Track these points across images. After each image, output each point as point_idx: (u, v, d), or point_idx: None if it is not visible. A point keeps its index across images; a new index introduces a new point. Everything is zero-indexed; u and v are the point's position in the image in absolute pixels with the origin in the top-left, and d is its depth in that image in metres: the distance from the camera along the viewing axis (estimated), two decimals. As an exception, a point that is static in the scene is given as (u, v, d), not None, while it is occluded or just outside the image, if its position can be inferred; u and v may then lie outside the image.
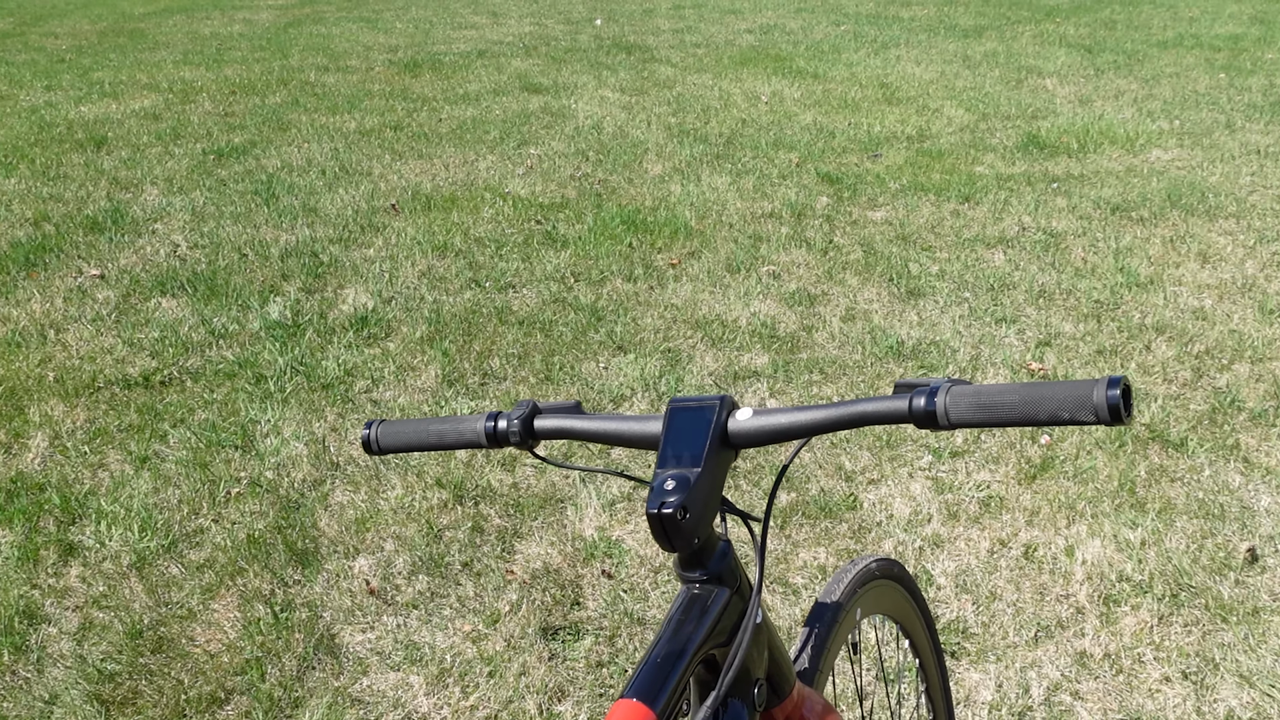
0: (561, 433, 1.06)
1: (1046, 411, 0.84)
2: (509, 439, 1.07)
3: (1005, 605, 2.32)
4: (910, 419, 0.90)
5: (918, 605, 1.50)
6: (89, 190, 5.59)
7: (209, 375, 3.49)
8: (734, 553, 1.01)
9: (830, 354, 3.50)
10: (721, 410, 0.97)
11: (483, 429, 1.07)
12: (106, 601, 2.43)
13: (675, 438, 0.96)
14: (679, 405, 0.99)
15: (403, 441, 1.12)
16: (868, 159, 5.77)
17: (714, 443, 0.95)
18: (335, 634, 2.32)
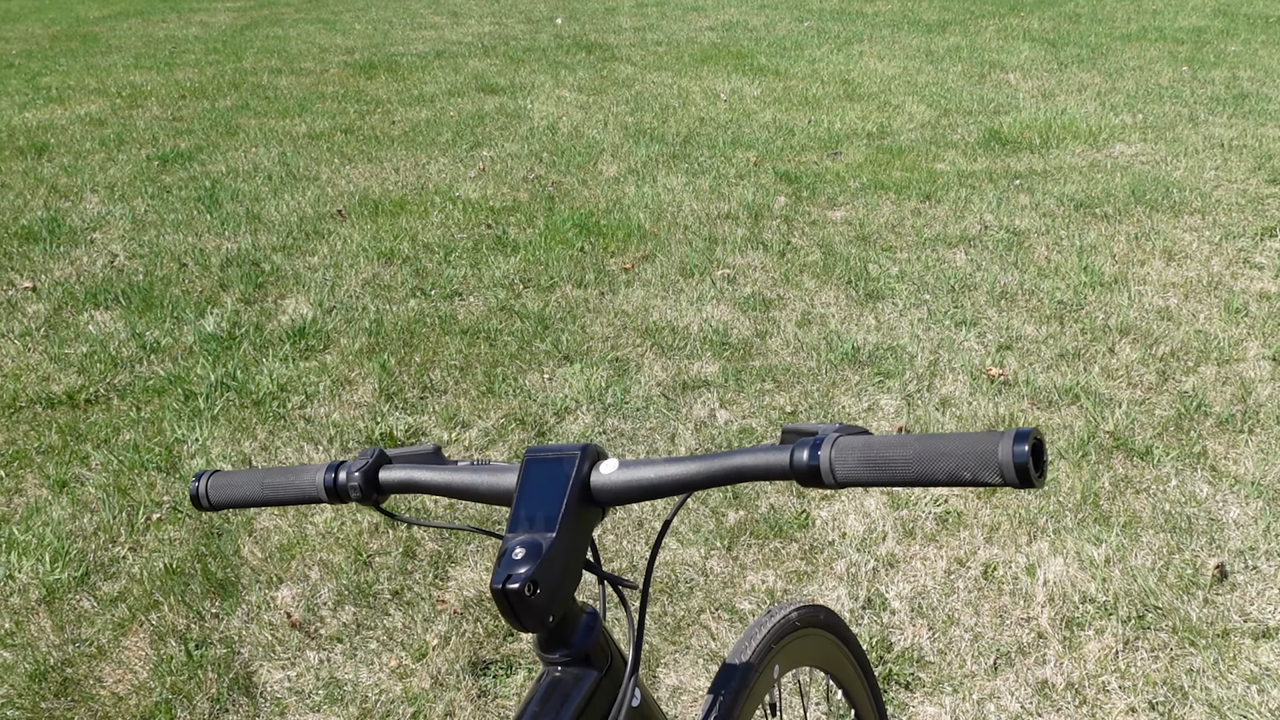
0: (409, 485, 0.94)
1: (945, 470, 0.73)
2: (350, 494, 0.94)
3: (963, 631, 2.21)
4: (792, 474, 0.78)
5: (852, 652, 1.38)
6: (26, 199, 5.41)
7: (137, 392, 3.33)
8: (602, 627, 0.88)
9: (784, 361, 3.39)
10: (583, 462, 0.85)
11: (321, 482, 0.95)
12: (12, 640, 2.28)
13: (529, 495, 0.84)
14: (535, 456, 0.87)
15: (236, 496, 0.99)
16: (827, 157, 5.67)
17: (573, 501, 0.83)
18: (253, 672, 2.18)
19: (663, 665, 2.16)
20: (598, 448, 0.87)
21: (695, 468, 0.83)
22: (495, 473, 0.91)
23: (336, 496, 0.95)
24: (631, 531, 2.56)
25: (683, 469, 0.83)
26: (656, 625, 2.25)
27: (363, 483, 0.93)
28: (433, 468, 0.93)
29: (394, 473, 0.94)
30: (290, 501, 0.97)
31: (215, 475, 1.00)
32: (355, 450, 2.95)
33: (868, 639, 2.18)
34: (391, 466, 0.95)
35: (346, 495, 0.94)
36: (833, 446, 0.76)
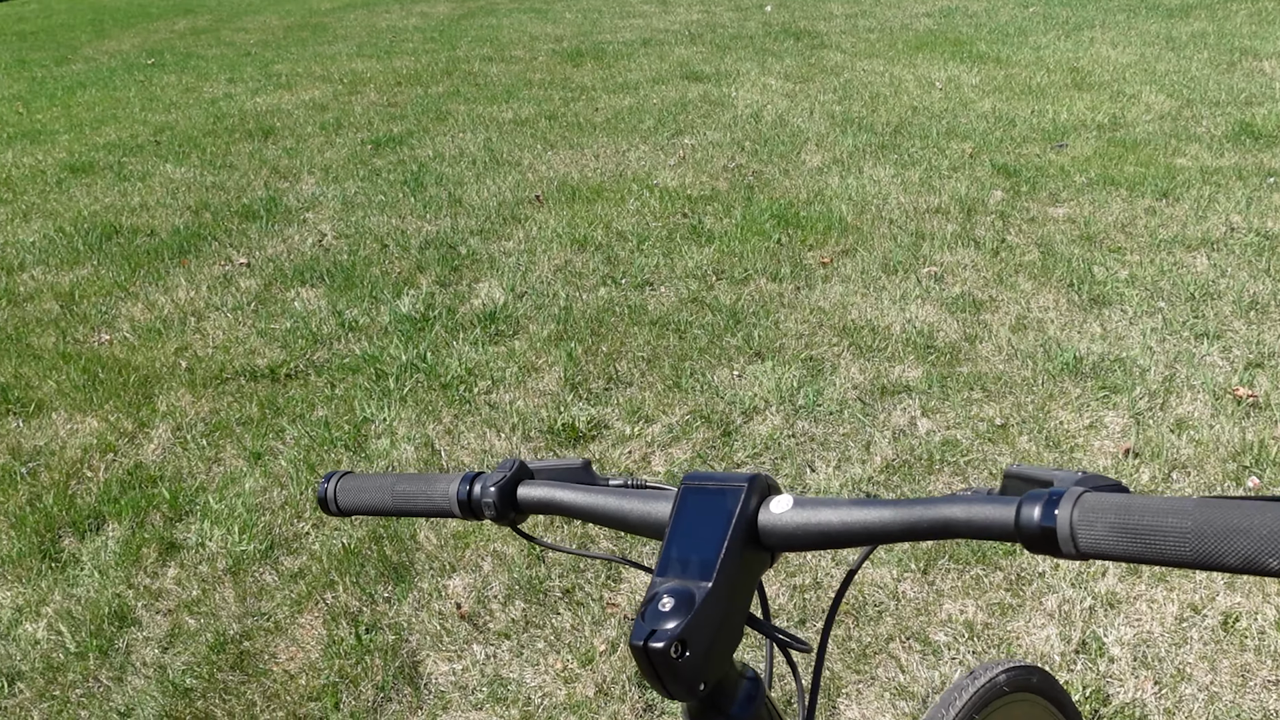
0: (550, 506, 0.81)
1: (1240, 552, 0.53)
2: (484, 510, 0.82)
3: (1196, 689, 1.93)
4: (1018, 537, 0.60)
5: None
6: (250, 179, 5.68)
7: (333, 369, 3.40)
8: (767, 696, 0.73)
9: (995, 368, 3.11)
10: (750, 496, 0.70)
11: (455, 494, 0.83)
12: (198, 608, 2.33)
13: (684, 532, 0.69)
14: (694, 485, 0.72)
15: (364, 502, 0.89)
16: (1051, 150, 5.26)
17: (735, 543, 0.68)
18: (419, 661, 2.13)
19: (844, 695, 1.98)
20: (769, 479, 0.72)
21: (889, 515, 0.66)
22: (648, 499, 0.77)
23: (470, 512, 0.83)
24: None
25: (873, 515, 0.67)
26: (839, 650, 2.07)
27: (499, 499, 0.81)
28: (578, 487, 0.81)
29: (535, 490, 0.82)
30: (421, 513, 0.86)
31: (346, 477, 0.90)
32: (536, 440, 2.89)
33: (1080, 689, 1.93)
34: (532, 483, 0.83)
35: (480, 512, 0.83)
36: (1075, 505, 0.58)
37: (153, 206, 5.28)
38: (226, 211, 5.10)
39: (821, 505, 0.69)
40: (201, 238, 4.73)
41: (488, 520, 0.85)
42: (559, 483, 0.82)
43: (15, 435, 3.12)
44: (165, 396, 3.29)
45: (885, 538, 0.66)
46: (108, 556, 2.52)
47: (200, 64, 9.73)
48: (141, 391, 3.33)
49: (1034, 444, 2.72)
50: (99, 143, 6.76)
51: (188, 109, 7.67)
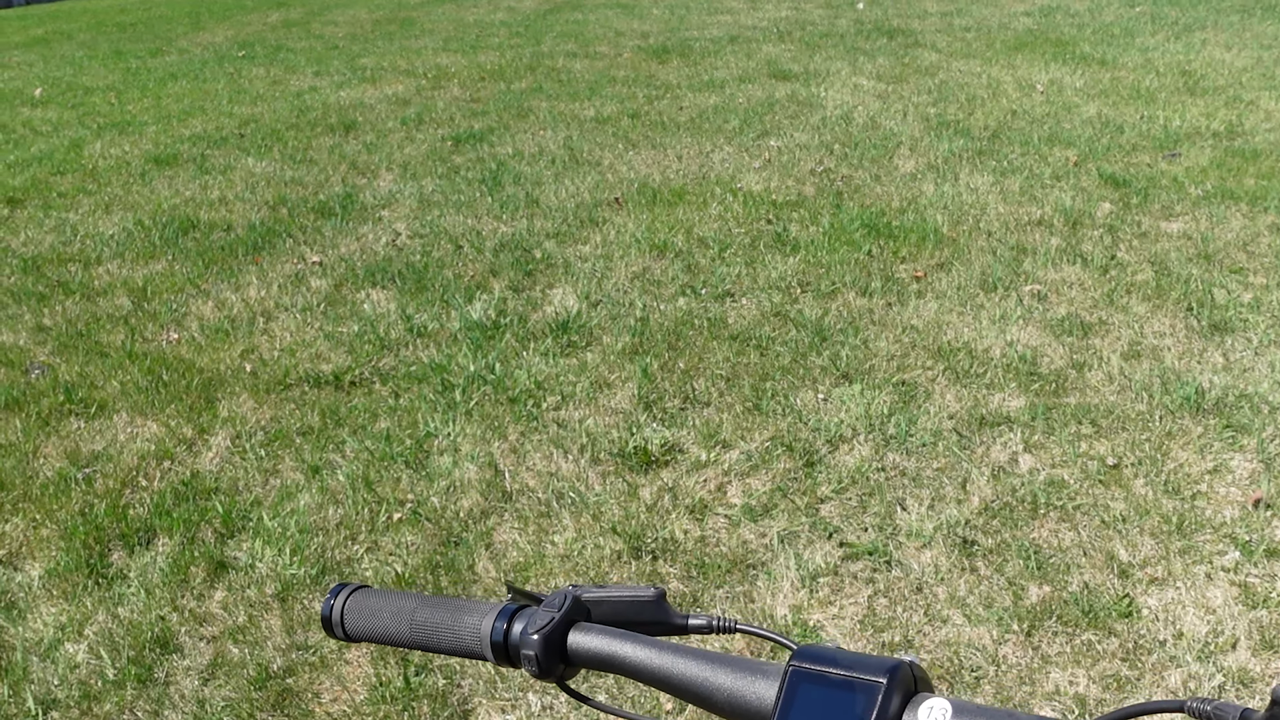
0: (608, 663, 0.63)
1: None
2: (521, 661, 0.64)
3: (1345, 789, 1.68)
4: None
5: None
6: (328, 175, 5.62)
7: (398, 378, 3.27)
8: None
9: (1106, 400, 2.85)
10: (890, 698, 0.51)
11: (488, 634, 0.66)
12: (243, 636, 2.21)
13: None
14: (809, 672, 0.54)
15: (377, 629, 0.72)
16: (1163, 159, 4.92)
17: None
18: (470, 710, 1.98)
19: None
20: (915, 668, 0.53)
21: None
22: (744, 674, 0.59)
23: (507, 659, 0.66)
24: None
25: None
26: None
27: (543, 651, 0.64)
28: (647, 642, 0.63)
29: (591, 639, 0.64)
30: (444, 651, 0.69)
31: (358, 594, 0.74)
32: (605, 463, 2.72)
33: (1211, 786, 1.70)
34: (589, 627, 0.65)
35: (518, 661, 0.65)
36: None
37: (231, 201, 5.24)
38: (303, 208, 5.04)
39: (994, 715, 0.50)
40: (276, 234, 4.67)
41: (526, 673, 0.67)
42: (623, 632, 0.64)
43: (75, 437, 3.05)
44: (227, 401, 3.19)
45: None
46: (155, 574, 2.41)
47: (289, 57, 9.77)
48: (204, 395, 3.24)
49: (1150, 488, 2.47)
50: (185, 135, 6.78)
51: (273, 101, 7.68)
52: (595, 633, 0.65)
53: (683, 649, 0.63)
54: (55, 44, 12.37)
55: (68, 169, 6.10)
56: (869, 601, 2.16)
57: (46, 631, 2.25)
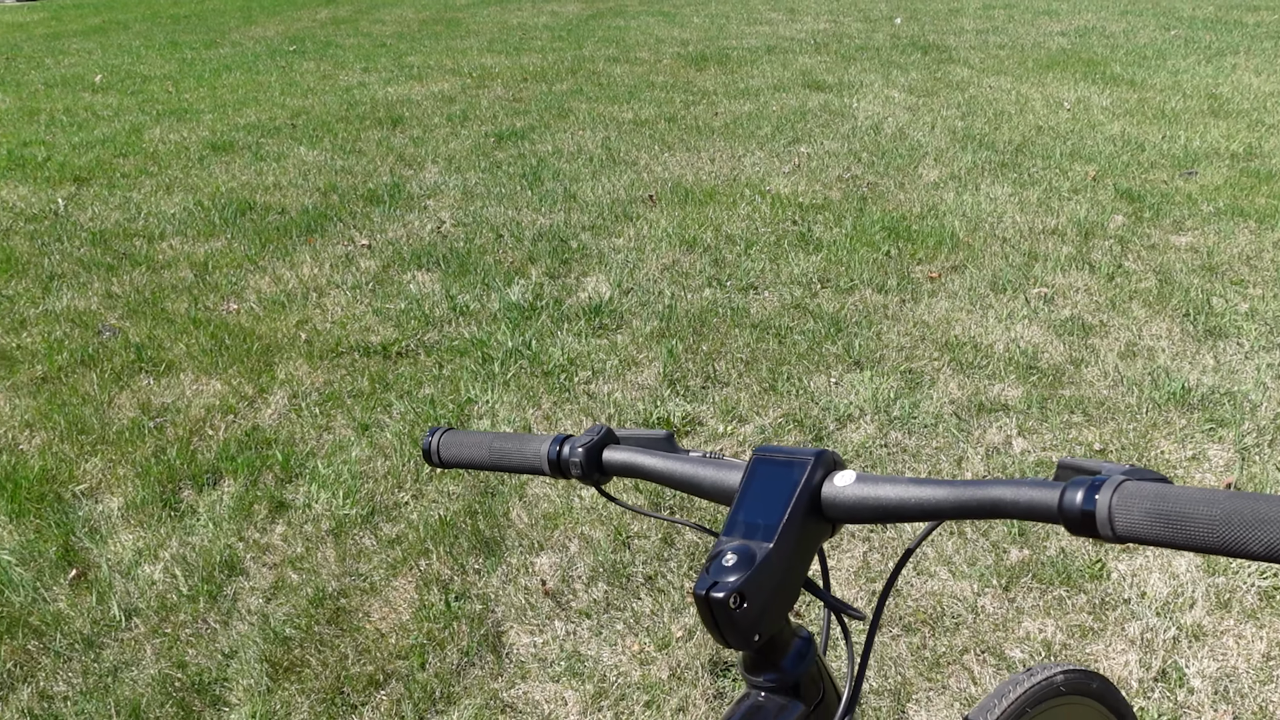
0: (631, 470, 0.87)
1: (1262, 541, 0.56)
2: (571, 470, 0.89)
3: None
4: (1060, 518, 0.64)
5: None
6: (377, 165, 5.90)
7: (442, 350, 3.53)
8: (818, 655, 0.78)
9: (1099, 394, 3.06)
10: (816, 469, 0.75)
11: (545, 454, 0.90)
12: (300, 564, 2.47)
13: (750, 499, 0.74)
14: (764, 456, 0.77)
15: (464, 456, 0.96)
16: (1179, 176, 5.11)
17: (797, 511, 0.73)
18: (503, 632, 2.22)
19: (914, 702, 1.99)
20: (835, 456, 0.76)
21: (944, 494, 0.70)
22: (722, 468, 0.82)
23: (559, 470, 0.90)
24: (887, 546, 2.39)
25: (929, 493, 0.71)
26: (913, 657, 2.09)
27: (585, 460, 0.88)
28: (659, 454, 0.87)
29: (619, 454, 0.88)
30: (514, 469, 0.93)
31: (448, 433, 0.98)
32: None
33: (1155, 716, 1.91)
34: (618, 447, 0.89)
35: (568, 471, 0.89)
36: (1115, 491, 0.62)
37: (285, 186, 5.53)
38: (353, 195, 5.32)
39: (882, 482, 0.73)
40: (328, 218, 4.95)
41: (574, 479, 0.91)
42: (642, 449, 0.87)
43: (146, 391, 3.32)
44: (284, 365, 3.46)
45: (940, 514, 0.70)
46: (222, 510, 2.68)
47: (338, 53, 10.10)
48: (263, 359, 3.51)
49: (1132, 472, 2.67)
50: (240, 123, 7.10)
51: (323, 95, 7.99)
52: (622, 450, 0.89)
53: (681, 457, 0.86)
54: (112, 33, 12.79)
55: (129, 152, 6.42)
56: (864, 556, 2.39)
57: (126, 554, 2.52)
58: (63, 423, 3.12)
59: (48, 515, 2.66)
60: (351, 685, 2.09)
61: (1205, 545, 0.59)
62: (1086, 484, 0.63)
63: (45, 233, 4.91)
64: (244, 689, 2.09)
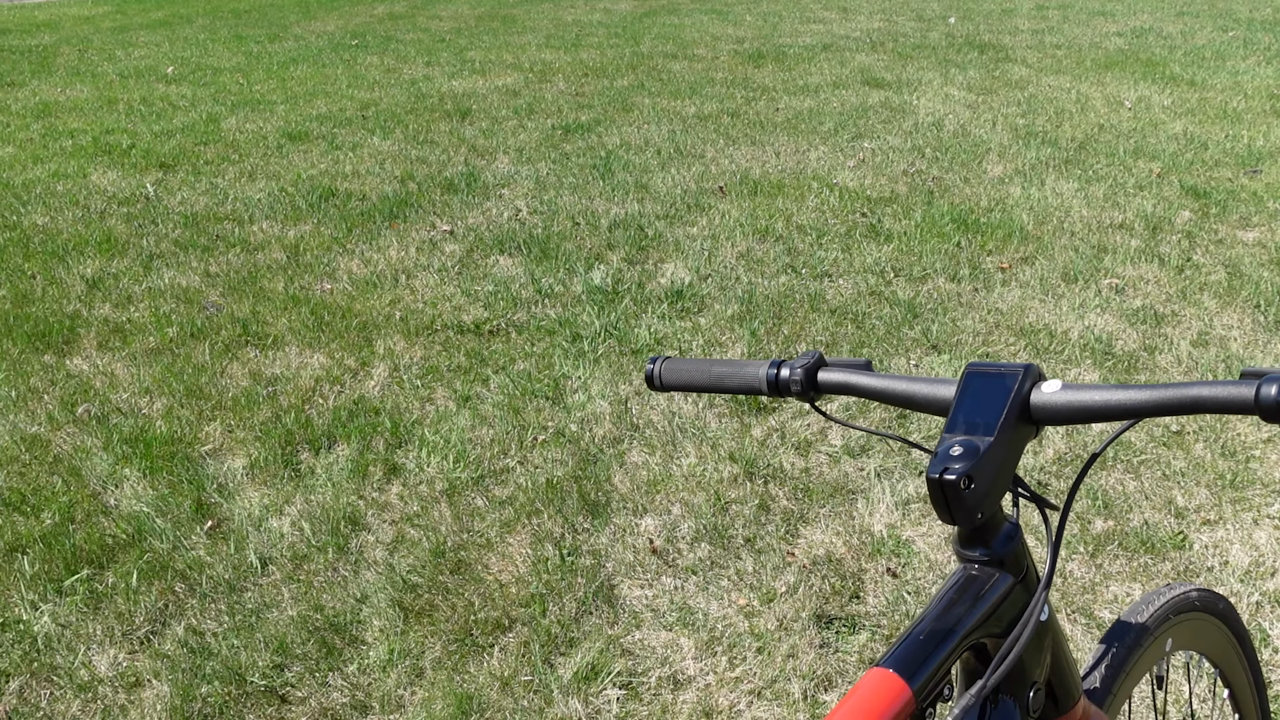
0: (845, 388, 1.00)
1: None
2: (790, 388, 1.01)
3: (1360, 683, 1.99)
4: (1257, 410, 0.77)
5: (1245, 653, 1.30)
6: (450, 155, 6.07)
7: (531, 330, 3.68)
8: (1023, 538, 0.91)
9: (1173, 378, 3.16)
10: (1025, 380, 0.88)
11: (764, 376, 1.03)
12: (418, 521, 2.62)
13: (969, 403, 0.88)
14: (977, 369, 0.90)
15: (684, 380, 1.09)
16: (1245, 174, 5.17)
17: (1011, 413, 0.86)
18: (615, 585, 2.37)
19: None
20: (1040, 369, 0.90)
21: (1145, 396, 0.83)
22: (932, 384, 0.95)
23: (777, 390, 1.02)
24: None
25: (1130, 396, 0.84)
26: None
27: (804, 379, 1.00)
28: (868, 374, 0.99)
29: (832, 374, 1.01)
30: (732, 390, 1.06)
31: (668, 360, 1.11)
32: (720, 406, 3.10)
33: (1245, 674, 2.02)
34: (830, 368, 1.01)
35: (787, 389, 1.02)
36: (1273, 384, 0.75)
37: (363, 174, 5.71)
38: (430, 183, 5.49)
39: (1085, 389, 0.86)
40: (408, 205, 5.12)
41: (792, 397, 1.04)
42: (854, 370, 1.00)
43: (254, 363, 3.50)
44: (382, 340, 3.63)
45: (1141, 413, 0.83)
46: (339, 472, 2.84)
47: (399, 47, 10.31)
48: (361, 335, 3.68)
49: (1209, 451, 2.78)
50: (312, 114, 7.31)
51: (389, 88, 8.18)
52: (836, 371, 1.01)
53: (891, 376, 0.99)
54: (176, 26, 13.09)
55: (209, 140, 6.64)
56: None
57: (254, 509, 2.69)
58: (181, 389, 3.30)
59: (179, 473, 2.84)
60: (479, 628, 2.24)
61: None
62: (1278, 380, 0.76)
63: (139, 215, 5.12)
64: (378, 629, 2.25)
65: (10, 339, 3.71)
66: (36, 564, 2.47)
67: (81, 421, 3.14)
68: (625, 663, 2.14)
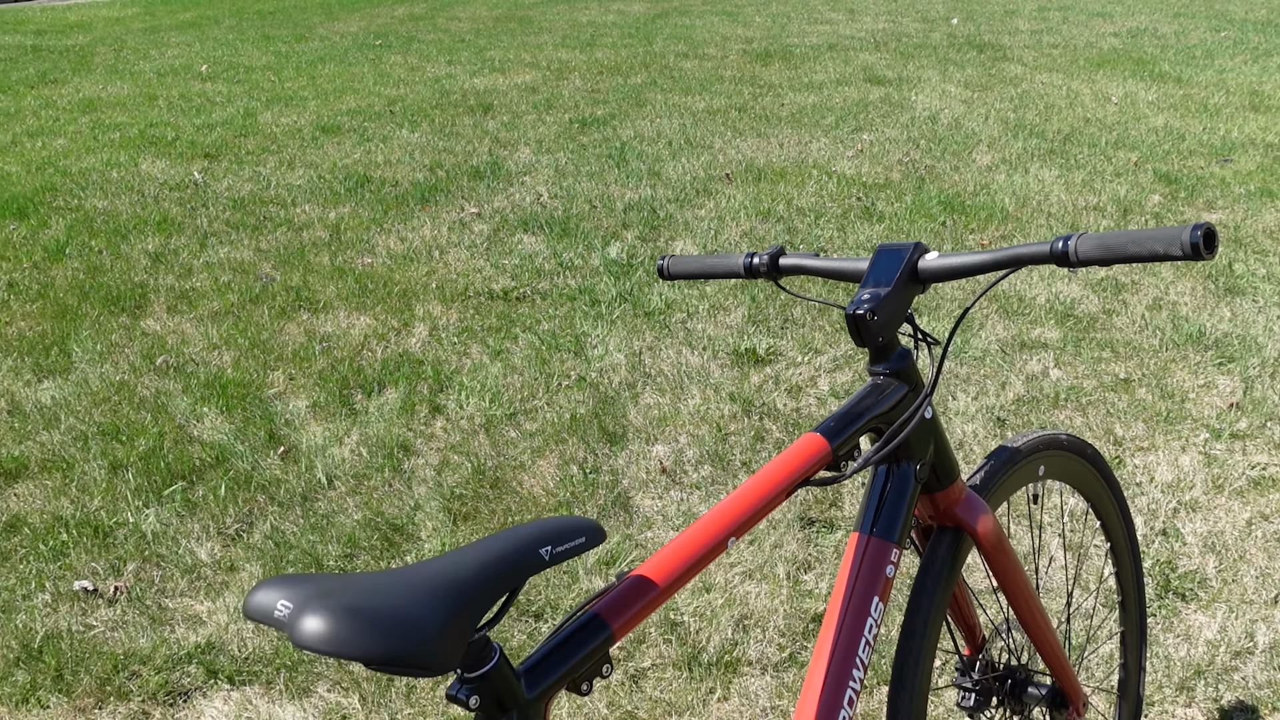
0: (799, 269, 1.41)
1: (1147, 248, 1.09)
2: (759, 270, 1.42)
3: (1252, 569, 2.39)
4: (1051, 259, 1.16)
5: (1112, 492, 1.71)
6: (474, 146, 6.50)
7: (554, 296, 4.10)
8: (913, 361, 1.31)
9: (1127, 336, 3.55)
10: (915, 252, 1.28)
11: (742, 263, 1.44)
12: (460, 449, 3.04)
13: (876, 270, 1.28)
14: (884, 247, 1.31)
15: (686, 270, 1.50)
16: (1216, 163, 5.55)
17: (904, 273, 1.26)
18: (630, 497, 2.78)
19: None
20: (925, 246, 1.30)
21: (988, 258, 1.23)
22: (856, 261, 1.36)
23: (751, 272, 1.43)
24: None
25: (979, 258, 1.24)
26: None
27: (769, 263, 1.41)
28: (816, 259, 1.40)
29: (790, 259, 1.42)
30: (721, 275, 1.47)
31: (674, 258, 1.52)
32: (723, 359, 3.51)
33: (1155, 558, 2.42)
34: (789, 256, 1.42)
35: (758, 271, 1.43)
36: (1078, 239, 1.15)
37: (394, 163, 6.14)
38: (457, 171, 5.91)
39: (950, 256, 1.26)
40: (438, 190, 5.55)
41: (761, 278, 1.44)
42: (805, 256, 1.41)
43: (308, 323, 3.93)
44: (421, 305, 4.05)
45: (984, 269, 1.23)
46: (389, 410, 3.26)
47: (421, 47, 10.75)
48: (402, 300, 4.11)
49: (1150, 394, 3.17)
50: (342, 109, 7.74)
51: (414, 85, 8.62)
52: (792, 257, 1.42)
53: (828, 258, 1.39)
54: (205, 28, 13.56)
55: (248, 133, 7.08)
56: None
57: (318, 439, 3.11)
58: (245, 344, 3.73)
59: (251, 411, 3.27)
60: (516, 522, 2.65)
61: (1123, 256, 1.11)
62: (1064, 238, 1.16)
63: (190, 199, 5.56)
64: (431, 529, 2.66)
65: (89, 303, 4.14)
66: (138, 479, 2.89)
67: (161, 370, 3.57)
68: (639, 553, 2.55)
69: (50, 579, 2.51)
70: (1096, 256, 1.14)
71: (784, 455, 1.19)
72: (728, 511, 1.12)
